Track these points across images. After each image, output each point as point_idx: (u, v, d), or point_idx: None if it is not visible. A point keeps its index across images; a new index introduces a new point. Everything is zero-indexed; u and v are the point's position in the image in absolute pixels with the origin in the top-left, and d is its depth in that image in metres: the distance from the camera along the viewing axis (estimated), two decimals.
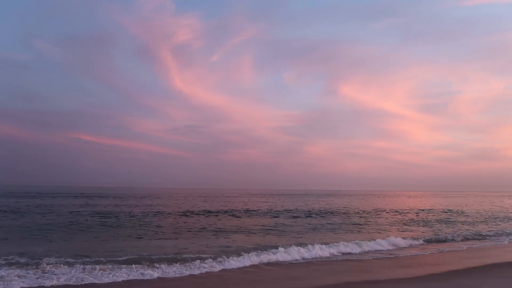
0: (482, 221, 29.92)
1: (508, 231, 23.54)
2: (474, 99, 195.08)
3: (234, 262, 12.11)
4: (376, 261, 13.59)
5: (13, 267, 10.38)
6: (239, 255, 12.98)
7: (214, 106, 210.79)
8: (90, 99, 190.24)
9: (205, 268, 11.31)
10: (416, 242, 18.03)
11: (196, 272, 10.93)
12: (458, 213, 38.22)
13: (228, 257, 12.53)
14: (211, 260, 12.12)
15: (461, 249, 16.91)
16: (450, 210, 41.42)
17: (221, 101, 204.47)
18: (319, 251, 14.41)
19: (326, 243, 15.69)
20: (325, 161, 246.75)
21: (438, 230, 23.60)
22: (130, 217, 27.06)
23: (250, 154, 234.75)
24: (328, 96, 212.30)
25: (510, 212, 40.43)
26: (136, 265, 11.02)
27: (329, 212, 36.27)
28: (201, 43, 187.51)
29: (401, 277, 10.73)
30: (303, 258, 13.58)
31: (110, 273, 10.23)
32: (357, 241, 16.56)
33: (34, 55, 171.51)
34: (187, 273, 10.78)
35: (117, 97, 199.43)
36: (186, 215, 29.63)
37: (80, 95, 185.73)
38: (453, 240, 19.40)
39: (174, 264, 11.51)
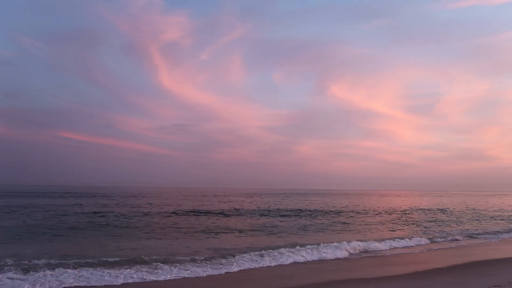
0: (469, 220, 30.64)
1: (494, 230, 24.19)
2: (459, 100, 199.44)
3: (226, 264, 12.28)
4: (364, 260, 13.90)
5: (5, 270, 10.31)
6: (232, 256, 13.18)
7: (203, 105, 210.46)
8: (77, 97, 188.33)
9: (197, 271, 11.13)
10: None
11: (188, 275, 10.81)
12: (445, 212, 38.97)
13: (224, 258, 12.76)
14: (205, 261, 12.16)
15: (449, 247, 17.38)
16: (438, 209, 42.16)
17: (210, 100, 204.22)
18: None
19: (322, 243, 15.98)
20: (314, 161, 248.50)
21: (425, 228, 24.12)
22: (119, 216, 26.97)
23: (240, 154, 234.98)
24: (317, 96, 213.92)
25: (496, 211, 41.38)
26: (132, 266, 11.05)
27: (318, 211, 36.63)
28: (190, 41, 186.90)
29: (386, 275, 11.05)
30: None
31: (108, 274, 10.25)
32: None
33: (18, 51, 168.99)
34: (180, 275, 10.68)
35: (105, 95, 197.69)
36: (176, 214, 29.63)
37: (67, 93, 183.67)
38: (444, 238, 19.91)
39: (167, 264, 11.58)
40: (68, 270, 10.43)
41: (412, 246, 17.29)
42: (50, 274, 10.00)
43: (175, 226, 22.33)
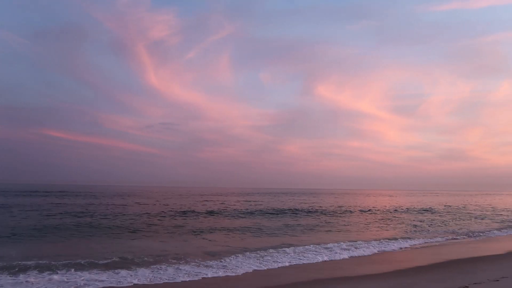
0: (453, 219, 31.25)
1: (476, 229, 24.74)
2: (443, 101, 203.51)
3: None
4: (348, 259, 14.08)
5: None
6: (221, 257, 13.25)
7: (190, 104, 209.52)
8: (62, 94, 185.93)
9: (187, 274, 10.81)
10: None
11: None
12: (429, 211, 39.63)
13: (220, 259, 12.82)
14: (195, 264, 12.09)
15: (431, 245, 17.73)
16: (423, 209, 42.83)
17: (197, 99, 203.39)
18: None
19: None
20: (301, 160, 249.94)
21: (411, 227, 24.52)
22: (104, 216, 26.69)
23: (227, 153, 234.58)
24: (304, 96, 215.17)
25: (478, 210, 42.27)
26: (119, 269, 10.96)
27: (304, 211, 36.86)
28: (177, 39, 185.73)
29: (369, 274, 11.26)
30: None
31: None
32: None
33: (1, 47, 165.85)
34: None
35: (90, 92, 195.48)
36: (163, 214, 29.46)
37: (50, 90, 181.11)
38: (428, 237, 20.26)
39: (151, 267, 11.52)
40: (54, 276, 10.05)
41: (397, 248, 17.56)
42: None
43: (162, 226, 22.24)
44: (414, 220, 29.54)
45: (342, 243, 16.83)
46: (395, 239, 19.05)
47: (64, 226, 20.88)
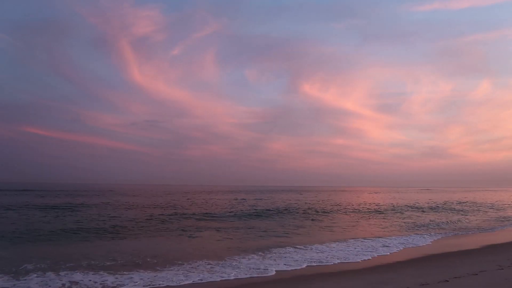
0: (436, 215, 31.76)
1: (455, 224, 25.19)
2: (424, 100, 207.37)
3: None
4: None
5: None
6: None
7: (175, 101, 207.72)
8: (42, 90, 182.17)
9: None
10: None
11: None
12: (413, 208, 40.17)
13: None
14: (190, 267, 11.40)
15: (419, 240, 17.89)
16: (406, 206, 43.40)
17: (182, 96, 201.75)
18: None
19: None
20: (286, 158, 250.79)
21: (399, 225, 24.80)
22: (88, 216, 26.15)
23: (212, 150, 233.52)
24: (290, 94, 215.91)
25: (466, 206, 43.07)
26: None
27: (287, 210, 36.86)
28: (162, 36, 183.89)
29: (350, 269, 11.30)
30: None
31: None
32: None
33: None
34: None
35: (72, 89, 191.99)
36: (150, 213, 29.02)
37: (32, 86, 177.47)
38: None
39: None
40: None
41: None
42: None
43: (148, 226, 21.88)
44: (398, 218, 29.87)
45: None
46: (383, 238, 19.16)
47: (45, 226, 20.27)
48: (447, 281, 9.27)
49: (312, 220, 26.15)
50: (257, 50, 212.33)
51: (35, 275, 9.71)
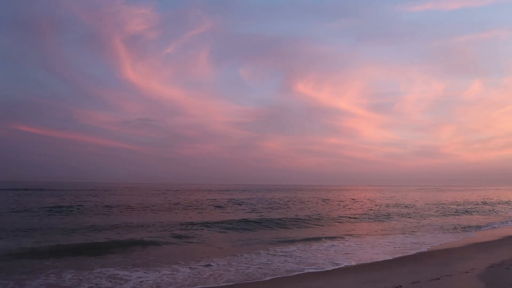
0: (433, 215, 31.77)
1: (443, 223, 25.18)
2: (417, 99, 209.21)
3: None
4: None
5: None
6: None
7: (169, 100, 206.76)
8: (33, 88, 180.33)
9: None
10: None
11: None
12: (406, 206, 40.16)
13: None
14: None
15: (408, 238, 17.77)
16: (397, 204, 43.43)
17: (176, 95, 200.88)
18: None
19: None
20: (280, 157, 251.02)
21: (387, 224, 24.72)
22: (80, 213, 25.69)
23: (206, 149, 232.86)
24: (284, 93, 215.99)
25: (458, 205, 43.19)
26: None
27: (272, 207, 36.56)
28: (155, 34, 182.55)
29: (339, 268, 11.11)
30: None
31: None
32: None
33: None
34: None
35: (64, 86, 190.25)
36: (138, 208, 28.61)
37: (23, 83, 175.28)
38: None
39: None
40: None
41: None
42: None
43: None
44: (390, 215, 29.82)
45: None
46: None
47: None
48: (438, 279, 9.10)
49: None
50: (251, 49, 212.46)
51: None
